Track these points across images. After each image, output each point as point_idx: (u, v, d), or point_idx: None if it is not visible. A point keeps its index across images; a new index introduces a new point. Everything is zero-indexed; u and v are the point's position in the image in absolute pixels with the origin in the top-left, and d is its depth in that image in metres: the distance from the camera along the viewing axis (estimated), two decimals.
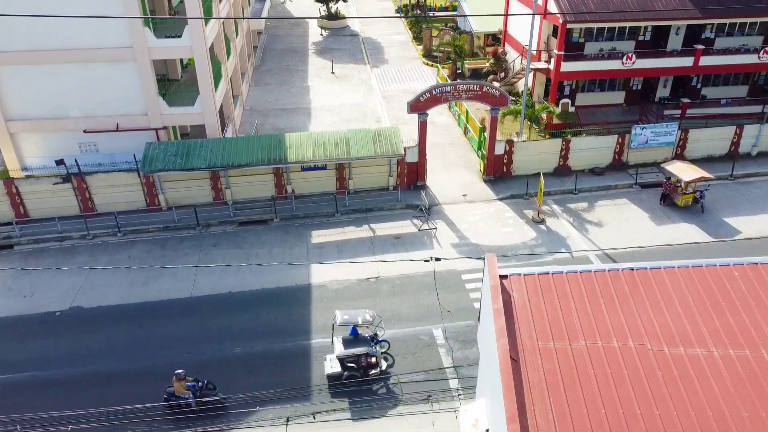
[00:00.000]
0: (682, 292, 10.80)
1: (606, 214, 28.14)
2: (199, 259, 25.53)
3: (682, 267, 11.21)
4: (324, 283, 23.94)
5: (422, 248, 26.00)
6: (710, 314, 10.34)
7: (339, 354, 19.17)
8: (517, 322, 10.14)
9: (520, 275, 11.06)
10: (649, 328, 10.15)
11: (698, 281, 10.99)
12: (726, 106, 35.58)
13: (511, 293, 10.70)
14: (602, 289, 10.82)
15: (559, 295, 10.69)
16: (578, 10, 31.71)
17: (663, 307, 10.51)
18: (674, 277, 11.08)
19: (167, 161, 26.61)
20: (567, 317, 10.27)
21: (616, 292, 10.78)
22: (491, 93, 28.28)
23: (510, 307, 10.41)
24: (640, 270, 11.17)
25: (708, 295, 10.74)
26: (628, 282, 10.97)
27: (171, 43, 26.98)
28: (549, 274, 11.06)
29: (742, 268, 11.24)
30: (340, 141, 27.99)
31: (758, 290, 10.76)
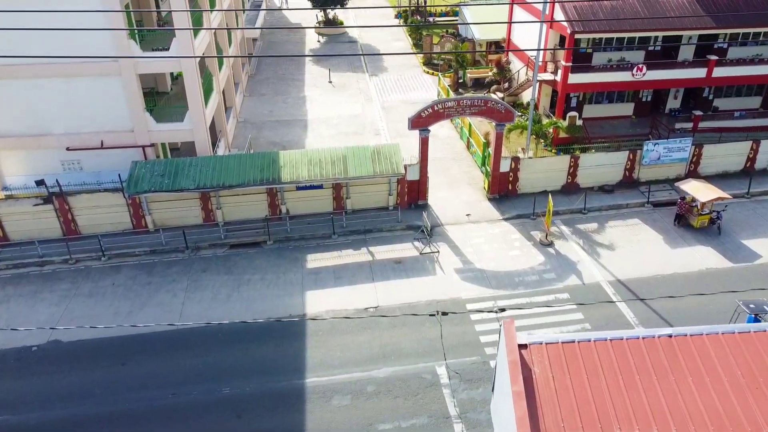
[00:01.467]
0: (728, 363, 9.33)
1: (618, 235, 26.68)
2: (187, 286, 24.04)
3: (726, 333, 9.73)
4: (319, 314, 22.46)
5: (424, 274, 24.53)
6: (764, 394, 8.86)
7: None
8: (540, 406, 8.67)
9: (542, 344, 9.58)
10: (693, 410, 8.67)
11: (746, 350, 9.52)
12: (740, 119, 34.16)
13: (531, 367, 9.22)
14: (637, 362, 9.35)
15: (588, 370, 9.22)
16: (587, 18, 30.27)
17: (708, 384, 9.04)
18: (718, 344, 9.61)
19: (153, 182, 25.13)
20: (598, 398, 8.80)
21: (653, 364, 9.32)
22: (496, 108, 26.83)
23: (531, 386, 8.94)
24: (679, 337, 9.71)
25: (758, 367, 9.28)
26: (666, 352, 9.51)
27: (158, 55, 25.49)
28: (575, 343, 9.59)
29: None
30: (336, 159, 26.53)
31: None
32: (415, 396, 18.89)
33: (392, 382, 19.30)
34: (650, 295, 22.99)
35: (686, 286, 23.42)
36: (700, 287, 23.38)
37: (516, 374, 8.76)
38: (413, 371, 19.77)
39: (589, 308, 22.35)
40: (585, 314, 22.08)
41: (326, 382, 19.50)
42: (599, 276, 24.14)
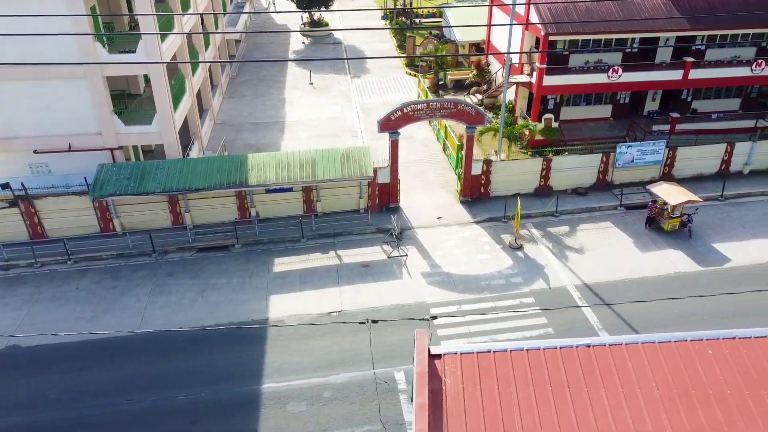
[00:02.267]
0: (646, 377, 9.16)
1: (588, 239, 26.50)
2: (151, 290, 23.87)
3: (647, 343, 9.58)
4: (282, 318, 22.30)
5: (391, 278, 24.37)
6: (677, 408, 8.70)
7: None
8: (446, 418, 8.50)
9: (457, 354, 9.42)
10: (602, 425, 8.51)
11: (666, 362, 9.36)
12: (717, 121, 33.97)
13: (443, 378, 9.06)
14: (552, 373, 9.18)
15: (500, 381, 9.05)
16: (561, 21, 30.10)
17: (621, 396, 8.87)
18: (638, 356, 9.45)
19: (119, 185, 24.97)
20: (506, 410, 8.63)
21: (568, 376, 9.15)
22: (466, 111, 26.67)
23: (440, 397, 8.77)
24: (598, 347, 9.53)
25: (676, 382, 9.11)
26: (583, 362, 9.34)
27: (125, 58, 25.34)
28: (491, 353, 9.42)
29: (718, 344, 9.61)
30: (305, 162, 26.37)
31: (736, 375, 9.12)
32: (371, 402, 18.71)
33: (349, 387, 19.14)
34: (617, 300, 22.81)
35: (654, 291, 23.25)
36: (668, 292, 23.22)
37: (422, 386, 8.59)
38: (371, 377, 19.57)
39: (553, 313, 22.17)
40: (549, 319, 21.91)
41: (283, 387, 19.33)
42: (566, 280, 23.96)
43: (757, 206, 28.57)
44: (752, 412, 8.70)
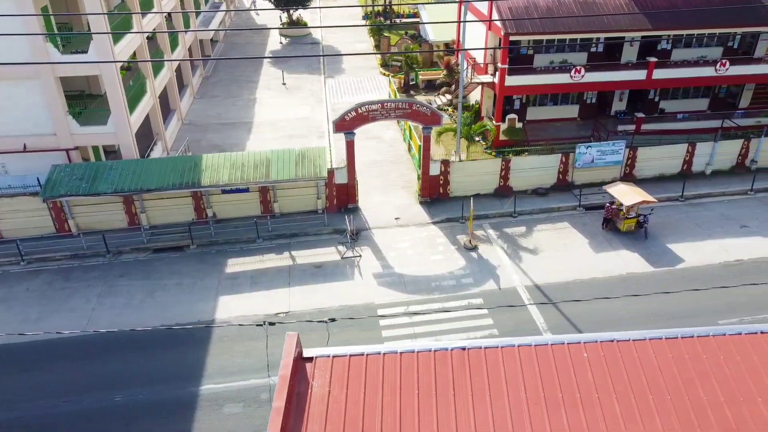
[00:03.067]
0: (516, 380, 9.11)
1: (544, 240, 26.43)
2: (101, 291, 23.82)
3: (523, 346, 9.51)
4: (228, 320, 22.24)
5: (342, 278, 24.31)
6: (542, 411, 8.64)
7: None
8: (306, 423, 8.44)
9: (329, 357, 9.36)
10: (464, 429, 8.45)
11: (540, 366, 9.31)
12: (683, 121, 33.90)
13: (311, 382, 9.00)
14: (422, 376, 9.13)
15: (368, 385, 8.99)
16: (521, 21, 30.02)
17: (488, 400, 8.81)
18: (512, 359, 9.39)
19: (71, 185, 24.92)
20: (369, 415, 8.58)
21: (438, 379, 9.10)
22: (422, 111, 26.61)
23: (304, 401, 8.71)
24: (473, 350, 9.48)
25: (546, 381, 9.06)
26: (456, 366, 9.28)
27: (76, 59, 25.29)
28: (363, 356, 9.36)
29: (596, 347, 9.56)
30: (259, 163, 26.31)
31: (608, 379, 9.07)
32: None
33: None
34: (566, 300, 22.73)
35: (604, 292, 23.19)
36: (618, 292, 23.14)
37: (281, 390, 8.53)
38: None
39: (500, 314, 22.13)
40: (495, 319, 21.86)
41: (222, 389, 19.30)
42: (517, 281, 23.90)
43: (716, 206, 28.49)
44: (617, 417, 8.65)
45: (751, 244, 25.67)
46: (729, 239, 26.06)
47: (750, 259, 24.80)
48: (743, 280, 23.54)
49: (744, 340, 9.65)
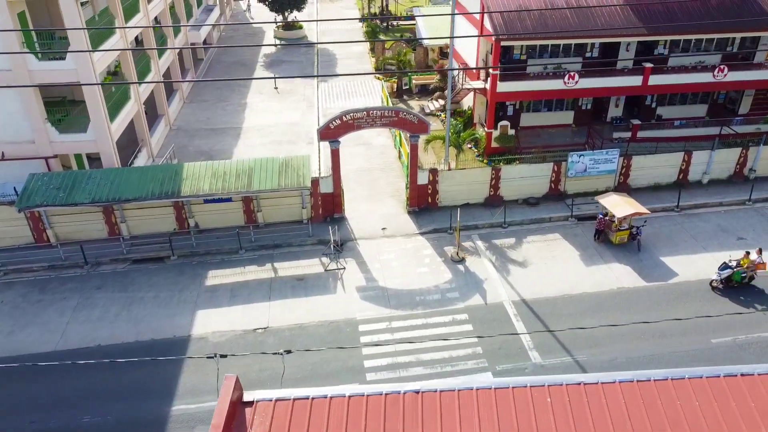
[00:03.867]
0: (472, 426, 8.40)
1: (534, 252, 25.68)
2: (77, 304, 23.21)
3: (482, 389, 8.80)
4: (205, 336, 21.59)
5: (324, 292, 23.63)
6: None
7: None
8: None
9: (271, 401, 8.67)
10: None
11: (497, 410, 8.60)
12: (680, 128, 33.07)
13: (249, 428, 8.32)
14: (370, 422, 8.44)
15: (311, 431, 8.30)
16: (513, 26, 29.29)
17: None
18: (469, 403, 8.68)
19: (48, 195, 24.33)
20: None
21: (387, 425, 8.39)
22: (408, 119, 25.91)
23: None
24: (427, 393, 8.77)
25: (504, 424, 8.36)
26: (407, 410, 8.58)
27: (54, 66, 24.71)
28: (309, 399, 8.67)
29: (560, 390, 8.84)
30: (242, 172, 25.67)
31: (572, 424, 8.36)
32: None
33: None
34: (555, 316, 22.05)
35: (593, 308, 22.46)
36: (608, 308, 22.44)
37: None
38: None
39: (484, 330, 21.42)
40: (480, 336, 21.13)
41: (194, 410, 18.67)
42: (504, 295, 23.17)
43: (712, 218, 27.67)
44: None
45: None
46: (725, 252, 25.14)
47: None
48: (737, 297, 22.80)
49: (722, 383, 8.92)
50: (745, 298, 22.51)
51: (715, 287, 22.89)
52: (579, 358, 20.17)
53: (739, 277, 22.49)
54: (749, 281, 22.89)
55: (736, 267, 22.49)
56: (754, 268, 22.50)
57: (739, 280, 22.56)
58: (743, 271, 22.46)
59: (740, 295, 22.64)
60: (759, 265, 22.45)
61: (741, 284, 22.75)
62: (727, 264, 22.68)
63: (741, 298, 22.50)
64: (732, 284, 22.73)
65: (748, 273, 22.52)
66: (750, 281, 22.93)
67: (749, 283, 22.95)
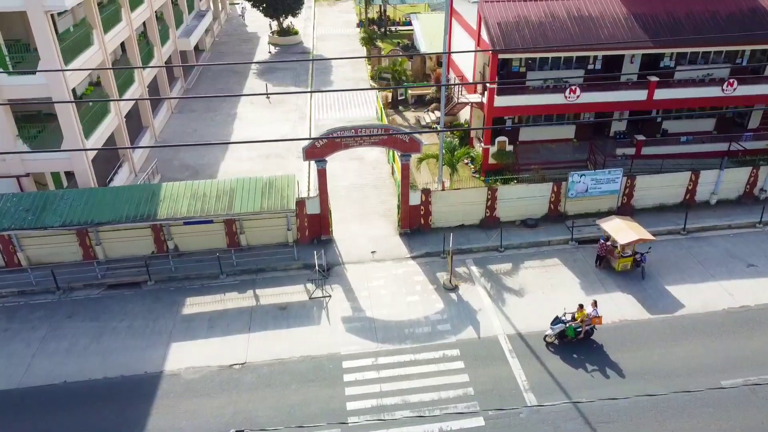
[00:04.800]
0: None
1: (531, 279, 24.24)
2: (45, 334, 21.86)
3: None
4: (178, 372, 20.20)
5: (307, 323, 22.24)
6: None
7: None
8: None
9: None
10: None
11: None
12: (686, 144, 31.59)
13: None
14: None
15: None
16: (511, 38, 27.84)
17: None
18: None
19: (16, 218, 23.02)
20: None
21: None
22: (400, 138, 24.51)
23: None
24: None
25: None
26: None
27: (24, 81, 23.38)
28: None
29: None
30: (222, 193, 24.32)
31: None
32: None
33: None
34: (552, 352, 20.59)
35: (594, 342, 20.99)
36: (609, 342, 21.02)
37: None
38: None
39: (477, 368, 20.03)
40: (471, 375, 19.77)
41: None
42: (499, 328, 21.73)
43: (720, 242, 26.19)
44: None
45: (757, 288, 23.39)
46: (734, 280, 23.80)
47: (757, 306, 22.53)
48: (748, 331, 21.36)
49: None
50: (579, 355, 20.31)
51: (550, 342, 20.62)
52: (578, 400, 18.72)
53: (573, 332, 20.23)
54: (587, 336, 20.62)
55: (570, 321, 20.26)
56: (590, 322, 20.32)
57: (573, 335, 20.27)
58: (578, 325, 20.23)
59: (573, 352, 20.36)
60: (594, 319, 20.28)
61: (577, 339, 20.49)
62: (560, 318, 20.38)
63: (574, 356, 20.22)
64: (566, 339, 20.47)
65: (583, 327, 20.28)
66: (588, 336, 20.68)
67: (588, 337, 20.71)
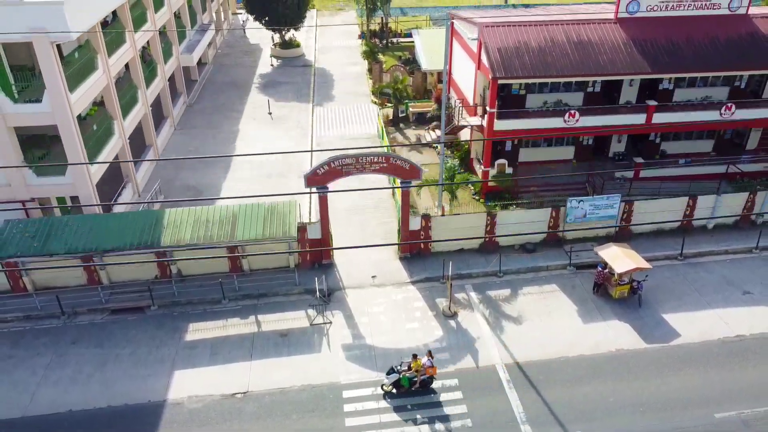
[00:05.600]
0: None
1: (529, 305, 24.54)
2: (50, 361, 22.19)
3: None
4: (181, 401, 20.51)
5: (308, 350, 22.55)
6: None
7: None
8: None
9: None
10: None
11: None
12: (685, 167, 31.84)
13: None
14: None
15: None
16: (511, 63, 28.12)
17: None
18: None
19: (22, 245, 23.35)
20: None
21: None
22: (400, 165, 24.80)
23: None
24: None
25: None
26: None
27: (30, 109, 23.70)
28: None
29: None
30: (225, 220, 24.65)
31: None
32: None
33: None
34: (549, 383, 20.92)
35: (591, 373, 21.33)
36: (606, 373, 21.31)
37: None
38: None
39: (475, 399, 20.33)
40: (470, 406, 20.09)
41: None
42: (497, 358, 22.03)
43: (717, 268, 26.46)
44: None
45: (753, 316, 23.68)
46: (730, 308, 24.09)
47: (751, 335, 22.82)
48: (743, 362, 21.65)
49: None
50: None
51: (387, 392, 20.27)
52: None
53: (408, 381, 19.95)
54: (423, 386, 20.20)
55: (405, 371, 19.87)
56: (424, 372, 19.97)
57: (407, 384, 19.99)
58: (413, 375, 19.90)
59: (408, 403, 20.06)
60: (428, 369, 19.94)
61: (412, 389, 20.13)
62: (394, 368, 20.08)
63: (408, 407, 19.95)
64: (403, 389, 20.13)
65: (418, 377, 19.95)
66: (425, 386, 20.24)
67: (425, 387, 20.27)
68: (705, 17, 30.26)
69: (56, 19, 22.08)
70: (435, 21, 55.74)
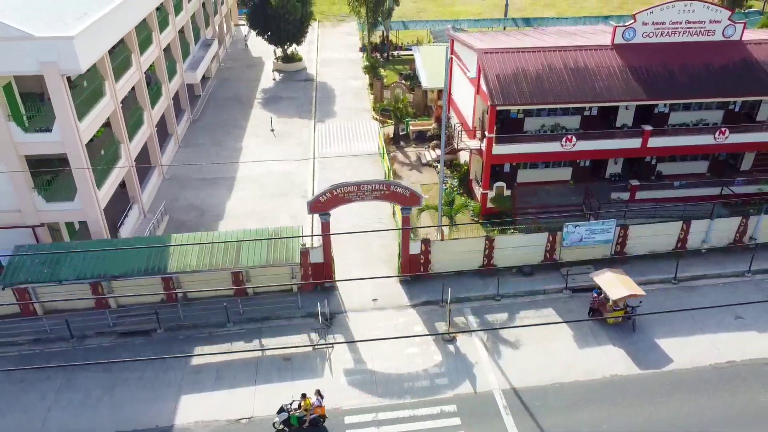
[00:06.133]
0: None
1: (527, 330, 25.13)
2: (60, 385, 22.82)
3: None
4: (188, 426, 21.15)
5: (310, 375, 23.16)
6: None
7: None
8: None
9: None
10: None
11: None
12: (680, 188, 32.46)
13: None
14: None
15: None
16: (509, 90, 28.77)
17: None
18: None
19: (32, 271, 23.99)
20: None
21: None
22: (400, 193, 25.45)
23: None
24: None
25: None
26: None
27: (40, 138, 24.33)
28: None
29: None
30: (230, 245, 25.26)
31: None
32: None
33: None
34: (545, 409, 21.54)
35: (586, 398, 21.94)
36: (601, 399, 21.93)
37: None
38: None
39: (473, 425, 20.96)
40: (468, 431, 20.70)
41: None
42: (494, 383, 22.66)
43: (710, 292, 27.09)
44: None
45: (744, 342, 24.30)
46: (722, 334, 24.71)
47: (742, 361, 23.43)
48: (733, 388, 22.27)
49: None
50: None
51: (279, 430, 20.53)
52: None
53: (297, 420, 20.30)
54: (313, 424, 20.48)
55: (295, 410, 20.30)
56: (313, 411, 20.34)
57: (296, 423, 20.34)
58: (302, 414, 20.29)
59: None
60: (316, 409, 20.34)
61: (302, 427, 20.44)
62: (284, 407, 20.41)
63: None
64: (293, 428, 20.50)
65: (308, 416, 20.29)
66: (315, 425, 20.52)
67: (315, 426, 20.56)
68: (700, 44, 30.92)
69: (67, 53, 22.68)
70: (435, 37, 56.36)
